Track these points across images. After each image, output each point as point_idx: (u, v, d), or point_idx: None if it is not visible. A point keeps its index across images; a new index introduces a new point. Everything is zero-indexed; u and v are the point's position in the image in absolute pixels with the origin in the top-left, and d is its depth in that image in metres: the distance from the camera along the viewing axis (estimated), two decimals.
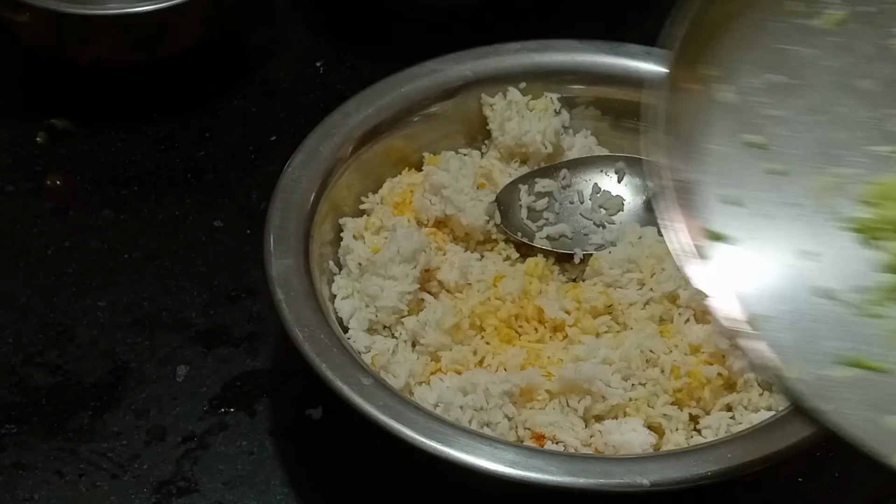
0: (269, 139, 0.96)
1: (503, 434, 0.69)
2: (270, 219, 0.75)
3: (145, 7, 0.92)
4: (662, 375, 0.72)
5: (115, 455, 0.74)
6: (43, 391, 0.78)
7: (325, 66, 1.03)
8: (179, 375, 0.79)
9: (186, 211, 0.90)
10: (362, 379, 0.67)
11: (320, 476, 0.74)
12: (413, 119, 0.85)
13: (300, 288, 0.72)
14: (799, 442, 0.64)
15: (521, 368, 0.72)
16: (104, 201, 0.91)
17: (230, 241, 0.88)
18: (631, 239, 0.79)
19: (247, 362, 0.80)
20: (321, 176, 0.79)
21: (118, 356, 0.80)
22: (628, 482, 0.63)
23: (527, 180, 0.83)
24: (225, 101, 0.99)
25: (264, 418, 0.76)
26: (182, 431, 0.76)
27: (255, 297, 0.84)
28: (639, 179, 0.84)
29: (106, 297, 0.84)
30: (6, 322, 0.82)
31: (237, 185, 0.92)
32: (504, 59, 0.87)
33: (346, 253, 0.80)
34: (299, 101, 1.00)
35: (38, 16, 0.92)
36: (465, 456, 0.64)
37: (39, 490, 0.72)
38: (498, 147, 0.86)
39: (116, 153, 0.95)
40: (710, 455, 0.64)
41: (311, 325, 0.69)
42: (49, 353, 0.80)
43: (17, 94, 1.01)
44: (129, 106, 0.98)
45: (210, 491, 0.73)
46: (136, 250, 0.87)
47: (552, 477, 0.63)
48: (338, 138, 0.81)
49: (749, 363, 0.70)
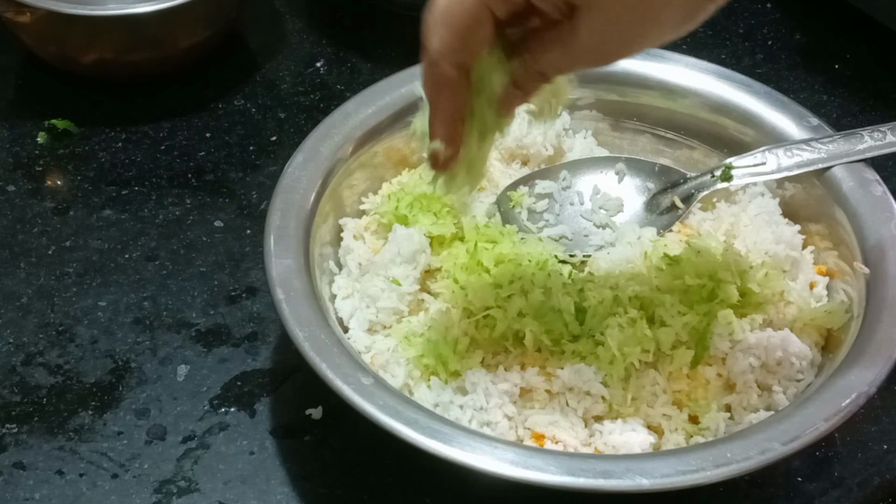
0: (269, 139, 0.96)
1: (503, 434, 0.69)
2: (270, 219, 0.75)
3: (145, 7, 0.92)
4: (662, 376, 0.72)
5: (115, 455, 0.74)
6: (43, 391, 0.78)
7: (325, 66, 1.03)
8: (180, 375, 0.79)
9: (186, 211, 0.90)
10: (362, 379, 0.67)
11: (320, 476, 0.74)
12: (413, 119, 0.85)
13: (300, 288, 0.72)
14: (799, 442, 0.65)
15: (521, 368, 0.72)
16: (104, 201, 0.91)
17: (230, 241, 0.88)
18: (630, 239, 0.80)
19: (247, 362, 0.80)
20: (321, 176, 0.79)
21: (118, 356, 0.80)
22: (628, 482, 0.63)
23: (527, 182, 0.84)
24: (225, 101, 0.99)
25: (264, 418, 0.77)
26: (182, 431, 0.76)
27: (255, 297, 0.84)
28: (639, 180, 0.84)
29: (106, 297, 0.84)
30: (6, 322, 0.82)
31: (237, 185, 0.92)
32: None
33: (346, 253, 0.80)
34: (299, 101, 1.00)
35: (39, 16, 0.92)
36: (465, 456, 0.64)
37: (40, 490, 0.72)
38: (498, 148, 0.86)
39: (116, 153, 0.95)
40: (709, 455, 0.64)
41: (311, 325, 0.70)
42: (49, 352, 0.80)
43: (17, 94, 1.01)
44: (129, 106, 0.98)
45: (210, 491, 0.73)
46: (136, 250, 0.87)
47: (552, 477, 0.63)
48: (338, 138, 0.81)
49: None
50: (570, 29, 0.60)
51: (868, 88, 1.01)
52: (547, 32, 0.62)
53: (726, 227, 0.81)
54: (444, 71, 0.62)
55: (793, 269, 0.78)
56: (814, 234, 0.81)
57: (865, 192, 0.78)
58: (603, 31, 0.60)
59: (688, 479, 0.63)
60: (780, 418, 0.67)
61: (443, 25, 0.60)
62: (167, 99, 0.99)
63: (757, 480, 0.73)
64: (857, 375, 0.68)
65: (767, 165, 0.81)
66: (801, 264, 0.79)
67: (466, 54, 0.61)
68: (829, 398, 0.67)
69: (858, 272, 0.75)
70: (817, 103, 0.99)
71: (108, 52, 0.95)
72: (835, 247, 0.79)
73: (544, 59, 0.62)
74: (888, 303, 0.72)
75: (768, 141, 0.83)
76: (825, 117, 0.84)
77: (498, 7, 0.60)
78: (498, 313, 0.74)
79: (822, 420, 0.66)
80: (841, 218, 0.78)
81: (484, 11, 0.60)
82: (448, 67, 0.61)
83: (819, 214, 0.80)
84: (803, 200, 0.82)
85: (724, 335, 0.73)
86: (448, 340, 0.72)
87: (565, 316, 0.73)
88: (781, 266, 0.78)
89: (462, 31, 0.60)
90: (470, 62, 0.62)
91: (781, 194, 0.83)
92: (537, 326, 0.73)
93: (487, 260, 0.76)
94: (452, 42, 0.60)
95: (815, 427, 0.65)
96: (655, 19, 0.59)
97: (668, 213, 0.82)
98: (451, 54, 0.61)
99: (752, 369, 0.72)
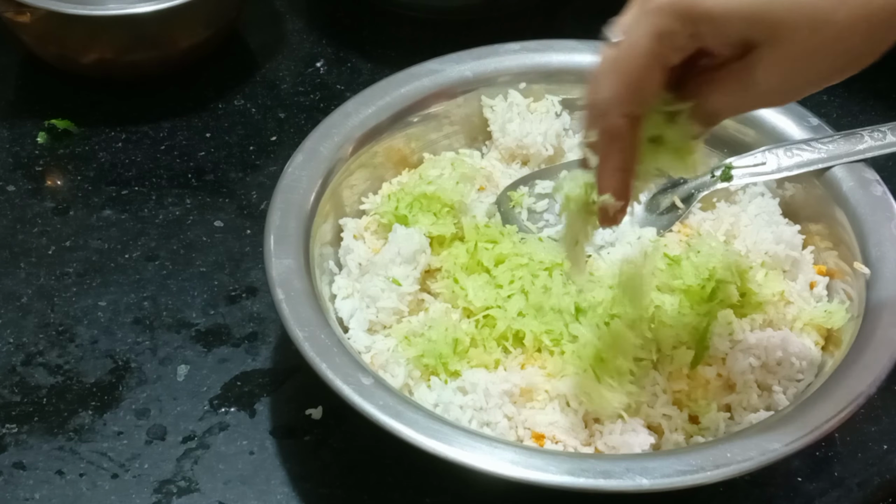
0: (269, 139, 0.96)
1: (503, 434, 0.69)
2: (270, 219, 0.75)
3: (145, 7, 0.92)
4: (662, 376, 0.72)
5: (115, 455, 0.74)
6: (43, 391, 0.78)
7: (325, 66, 1.03)
8: (180, 375, 0.79)
9: (186, 211, 0.90)
10: (362, 379, 0.67)
11: (320, 476, 0.74)
12: (413, 119, 0.85)
13: (300, 288, 0.72)
14: (799, 442, 0.65)
15: (521, 368, 0.73)
16: (104, 201, 0.91)
17: (230, 241, 0.88)
18: (630, 239, 0.80)
19: (247, 362, 0.80)
20: (321, 176, 0.79)
21: (118, 356, 0.80)
22: (628, 482, 0.63)
23: (527, 182, 0.84)
24: (225, 101, 0.99)
25: (264, 418, 0.77)
26: (182, 431, 0.76)
27: (255, 297, 0.84)
28: None
29: (106, 297, 0.84)
30: (7, 322, 0.82)
31: (237, 185, 0.92)
32: (504, 59, 0.87)
33: (346, 253, 0.80)
34: (299, 101, 1.00)
35: (39, 16, 0.92)
36: (465, 456, 0.64)
37: (40, 490, 0.72)
38: (499, 148, 0.86)
39: (116, 153, 0.95)
40: (709, 455, 0.64)
41: (311, 325, 0.70)
42: (50, 352, 0.80)
43: (17, 94, 1.01)
44: (129, 106, 0.98)
45: (210, 490, 0.73)
46: (136, 250, 0.87)
47: (552, 477, 0.63)
48: (338, 138, 0.81)
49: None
50: (746, 67, 0.58)
51: (868, 88, 1.01)
52: (717, 73, 0.59)
53: (726, 227, 0.81)
54: (614, 122, 0.60)
55: (793, 269, 0.78)
56: (814, 234, 0.80)
57: (865, 192, 0.78)
58: (787, 69, 0.57)
59: (688, 479, 0.63)
60: (780, 418, 0.67)
61: (613, 75, 0.59)
62: (167, 99, 0.99)
63: (757, 480, 0.73)
64: (857, 375, 0.68)
65: (767, 165, 0.81)
66: (801, 264, 0.79)
67: (638, 104, 0.59)
68: (829, 398, 0.67)
69: (858, 272, 0.75)
70: (817, 103, 0.99)
71: (108, 52, 0.95)
72: (835, 247, 0.79)
73: (717, 101, 0.60)
74: (888, 303, 0.72)
75: (768, 141, 0.83)
76: (825, 117, 0.84)
77: (671, 56, 0.58)
78: (498, 313, 0.74)
79: (822, 420, 0.66)
80: (841, 218, 0.78)
81: (656, 60, 0.58)
82: (618, 118, 0.59)
83: (819, 214, 0.80)
84: (803, 200, 0.82)
85: (724, 335, 0.73)
86: (448, 340, 0.72)
87: (565, 316, 0.73)
88: (781, 266, 0.78)
89: (634, 81, 0.58)
90: (640, 112, 0.60)
91: (781, 194, 0.83)
92: (537, 326, 0.73)
93: (487, 260, 0.76)
94: (623, 92, 0.59)
95: (815, 427, 0.65)
96: (845, 52, 0.57)
97: (668, 213, 0.82)
98: (622, 105, 0.59)
99: (752, 369, 0.72)
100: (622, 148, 0.61)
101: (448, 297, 0.76)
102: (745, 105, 0.62)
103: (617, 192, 0.62)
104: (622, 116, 0.59)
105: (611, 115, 0.60)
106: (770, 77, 0.58)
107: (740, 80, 0.59)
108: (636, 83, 0.58)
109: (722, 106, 0.61)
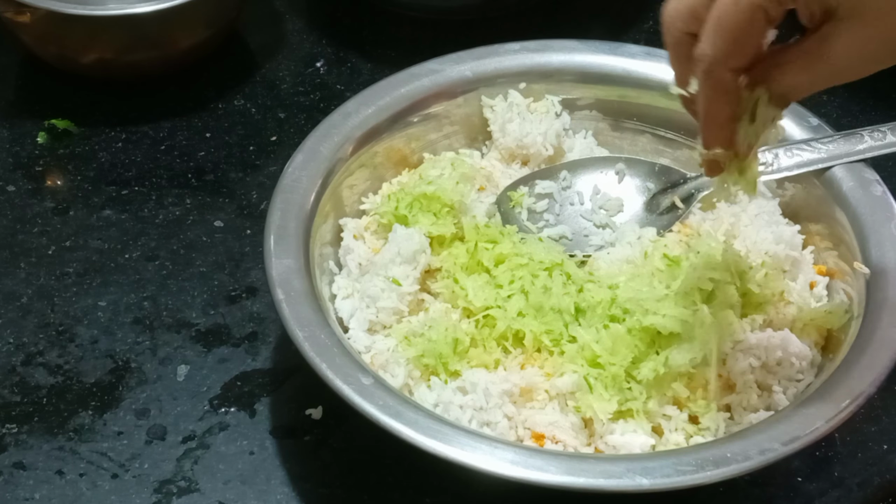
0: (269, 139, 0.96)
1: (503, 434, 0.69)
2: (270, 219, 0.75)
3: (145, 7, 0.92)
4: None
5: (115, 455, 0.74)
6: (43, 391, 0.78)
7: (325, 66, 1.03)
8: (180, 375, 0.79)
9: (186, 211, 0.90)
10: (362, 379, 0.67)
11: (320, 476, 0.74)
12: (413, 119, 0.85)
13: (300, 288, 0.72)
14: (799, 442, 0.65)
15: (521, 368, 0.73)
16: (104, 201, 0.91)
17: (230, 241, 0.88)
18: (630, 239, 0.80)
19: (247, 362, 0.80)
20: (321, 176, 0.79)
21: (118, 356, 0.80)
22: (628, 482, 0.63)
23: (527, 182, 0.84)
24: (225, 101, 0.99)
25: (264, 418, 0.77)
26: (182, 431, 0.76)
27: (255, 297, 0.84)
28: (638, 180, 0.84)
29: (106, 297, 0.84)
30: (6, 322, 0.82)
31: (237, 185, 0.92)
32: (504, 59, 0.87)
33: (346, 253, 0.80)
34: (299, 101, 1.00)
35: (39, 16, 0.92)
36: (465, 456, 0.64)
37: (40, 490, 0.72)
38: (499, 148, 0.86)
39: (116, 153, 0.95)
40: (709, 455, 0.64)
41: (311, 325, 0.70)
42: (49, 352, 0.80)
43: (17, 94, 1.01)
44: (129, 106, 0.98)
45: (210, 491, 0.73)
46: (136, 250, 0.87)
47: (552, 477, 0.63)
48: (338, 138, 0.81)
49: None
50: (823, 40, 0.59)
51: (868, 88, 1.00)
52: (786, 54, 0.61)
53: (726, 227, 0.81)
54: (722, 76, 0.61)
55: (793, 270, 0.78)
56: (814, 234, 0.80)
57: (865, 192, 0.78)
58: (868, 41, 0.58)
59: (688, 479, 0.63)
60: (780, 418, 0.67)
61: (717, 31, 0.60)
62: (167, 99, 0.99)
63: (757, 480, 0.73)
64: (857, 375, 0.68)
65: (767, 165, 0.81)
66: (801, 264, 0.79)
67: (742, 59, 0.61)
68: (829, 398, 0.67)
69: (858, 272, 0.75)
70: (817, 103, 0.99)
71: (108, 52, 0.95)
72: (835, 247, 0.79)
73: (791, 80, 0.61)
74: (888, 303, 0.72)
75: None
76: (825, 117, 0.84)
77: (773, 7, 0.59)
78: (498, 313, 0.74)
79: (822, 420, 0.66)
80: (841, 218, 0.78)
81: (758, 13, 0.59)
82: (725, 73, 0.61)
83: (819, 214, 0.80)
84: (803, 200, 0.82)
85: (724, 335, 0.73)
86: (448, 340, 0.72)
87: (565, 316, 0.73)
88: (781, 266, 0.78)
89: (738, 36, 0.60)
90: (744, 67, 0.61)
91: (781, 194, 0.83)
92: (537, 326, 0.73)
93: (487, 260, 0.76)
94: (729, 47, 0.60)
95: (815, 427, 0.65)
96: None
97: (668, 214, 0.82)
98: (727, 60, 0.61)
99: (752, 369, 0.72)
100: (730, 101, 0.63)
101: (448, 297, 0.76)
102: (819, 81, 0.62)
103: (725, 142, 0.65)
104: (729, 71, 0.61)
105: (718, 71, 0.61)
106: (850, 50, 0.59)
107: (817, 54, 0.60)
108: (740, 38, 0.60)
109: (796, 84, 0.62)
